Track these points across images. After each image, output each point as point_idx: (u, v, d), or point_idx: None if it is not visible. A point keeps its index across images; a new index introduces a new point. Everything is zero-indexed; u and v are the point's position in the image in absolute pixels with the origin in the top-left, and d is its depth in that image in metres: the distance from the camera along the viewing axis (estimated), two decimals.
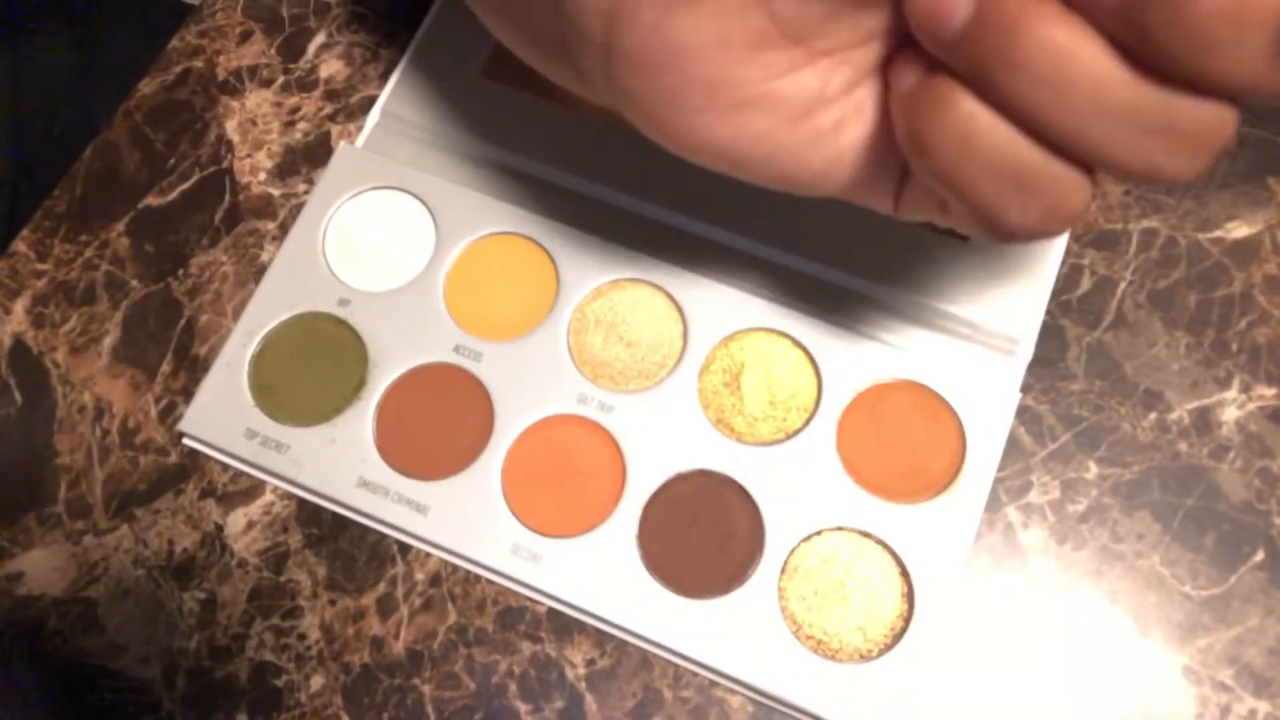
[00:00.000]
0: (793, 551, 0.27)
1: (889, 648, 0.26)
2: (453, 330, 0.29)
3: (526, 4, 0.22)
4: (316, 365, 0.29)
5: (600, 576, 0.27)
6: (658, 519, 0.27)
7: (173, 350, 0.30)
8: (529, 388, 0.28)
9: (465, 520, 0.27)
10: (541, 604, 0.27)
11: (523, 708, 0.27)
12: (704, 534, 0.27)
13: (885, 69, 0.20)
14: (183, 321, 0.31)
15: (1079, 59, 0.17)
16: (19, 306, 0.31)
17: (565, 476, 0.28)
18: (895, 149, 0.20)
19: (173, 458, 0.29)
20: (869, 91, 0.20)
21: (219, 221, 0.32)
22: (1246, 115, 0.30)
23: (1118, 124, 0.17)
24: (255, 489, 0.29)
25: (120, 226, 0.32)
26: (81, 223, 0.32)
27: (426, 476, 0.28)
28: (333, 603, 0.28)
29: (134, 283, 0.31)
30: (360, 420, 0.28)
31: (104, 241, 0.32)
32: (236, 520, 0.29)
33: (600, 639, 0.27)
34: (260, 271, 0.31)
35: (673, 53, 0.19)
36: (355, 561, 0.28)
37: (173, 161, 0.33)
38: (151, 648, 0.28)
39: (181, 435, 0.29)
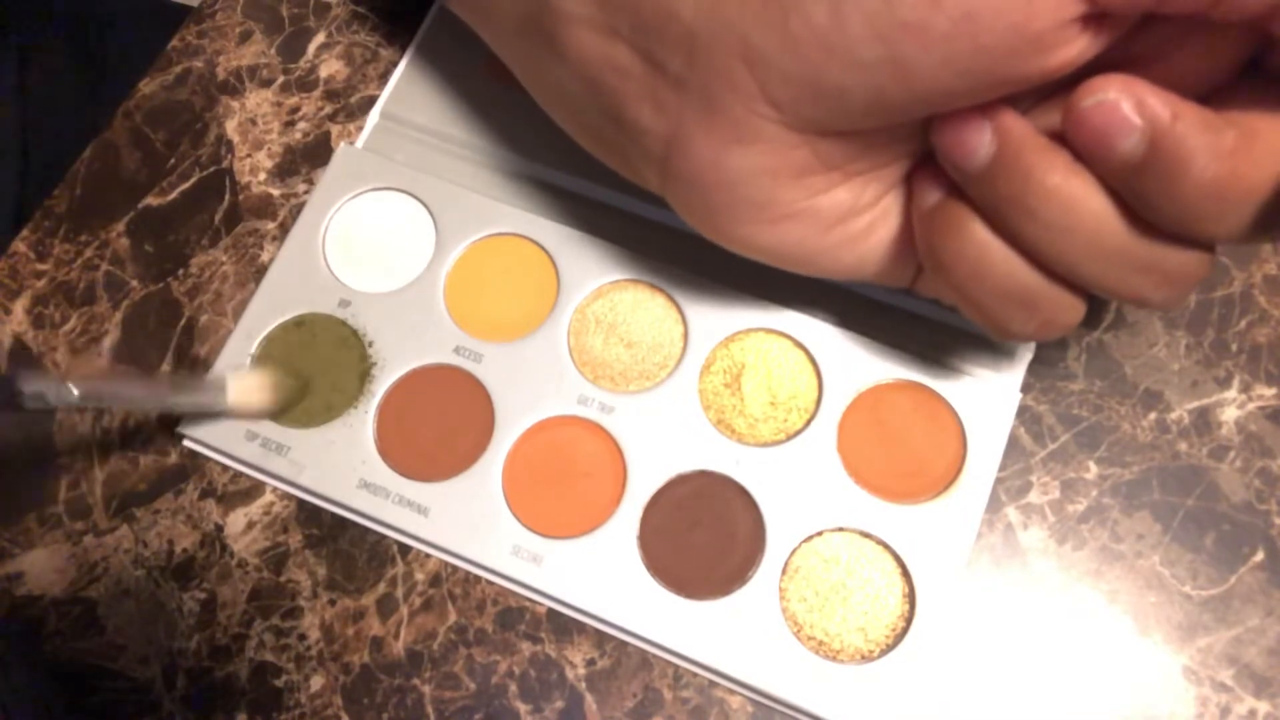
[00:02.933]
0: (793, 552, 0.27)
1: (890, 648, 0.26)
2: (453, 331, 0.29)
3: (583, 108, 0.24)
4: (317, 366, 0.29)
5: (601, 577, 0.27)
6: (658, 520, 0.27)
7: (173, 350, 0.30)
8: (529, 389, 0.28)
9: (466, 521, 0.27)
10: (541, 604, 0.27)
11: (523, 708, 0.27)
12: (705, 535, 0.27)
13: (910, 178, 0.23)
14: (183, 322, 0.31)
15: (1083, 207, 0.19)
16: (19, 306, 0.31)
17: (566, 478, 0.28)
18: (914, 246, 0.23)
19: (173, 458, 0.29)
20: (895, 198, 0.23)
21: (219, 221, 0.32)
22: None
23: (1112, 263, 0.19)
24: (255, 489, 0.29)
25: (120, 226, 0.32)
26: (81, 223, 0.32)
27: (427, 478, 0.28)
28: (333, 603, 0.28)
29: (134, 283, 0.31)
30: (361, 421, 0.28)
31: (104, 241, 0.32)
32: (236, 520, 0.29)
33: (600, 639, 0.27)
34: (260, 272, 0.31)
35: (726, 179, 0.21)
36: (355, 562, 0.28)
37: (173, 161, 0.33)
38: (151, 648, 0.28)
39: (181, 437, 0.29)
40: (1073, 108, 0.19)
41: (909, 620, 0.26)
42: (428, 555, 0.28)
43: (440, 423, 0.28)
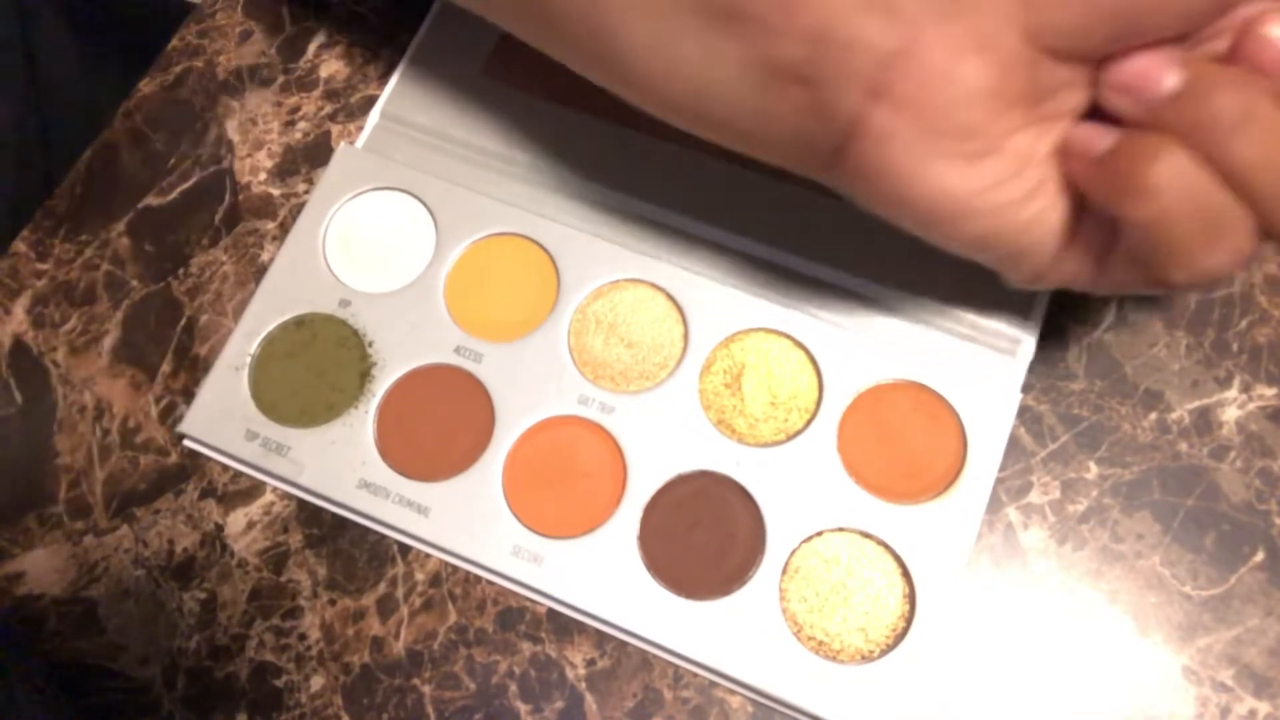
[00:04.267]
0: (794, 552, 0.27)
1: (890, 648, 0.26)
2: (453, 331, 0.29)
3: (736, 58, 0.22)
4: (317, 366, 0.29)
5: (601, 577, 0.27)
6: (659, 520, 0.27)
7: (173, 350, 0.30)
8: (530, 389, 0.28)
9: (466, 521, 0.27)
10: (541, 604, 0.27)
11: (523, 708, 0.27)
12: (705, 535, 0.27)
13: (1061, 145, 0.22)
14: (183, 321, 0.31)
15: (1260, 114, 0.20)
16: (19, 306, 0.31)
17: (566, 478, 0.28)
18: (1081, 218, 0.22)
19: (173, 458, 0.29)
20: (1054, 163, 0.22)
21: (219, 221, 0.32)
22: None
23: None
24: (255, 489, 0.29)
25: (120, 226, 0.32)
26: (81, 223, 0.32)
27: (427, 478, 0.28)
28: (333, 603, 0.28)
29: (134, 283, 0.31)
30: (361, 421, 0.28)
31: (104, 241, 0.32)
32: (236, 520, 0.29)
33: (600, 639, 0.27)
34: (260, 271, 0.31)
35: (949, 96, 0.20)
36: (355, 562, 0.28)
37: (173, 161, 0.33)
38: (151, 648, 0.28)
39: (182, 437, 0.29)
40: (1254, 35, 0.20)
41: (909, 620, 0.26)
42: (428, 555, 0.28)
43: (440, 423, 0.28)
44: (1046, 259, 0.23)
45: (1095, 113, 0.22)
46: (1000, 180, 0.22)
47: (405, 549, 0.28)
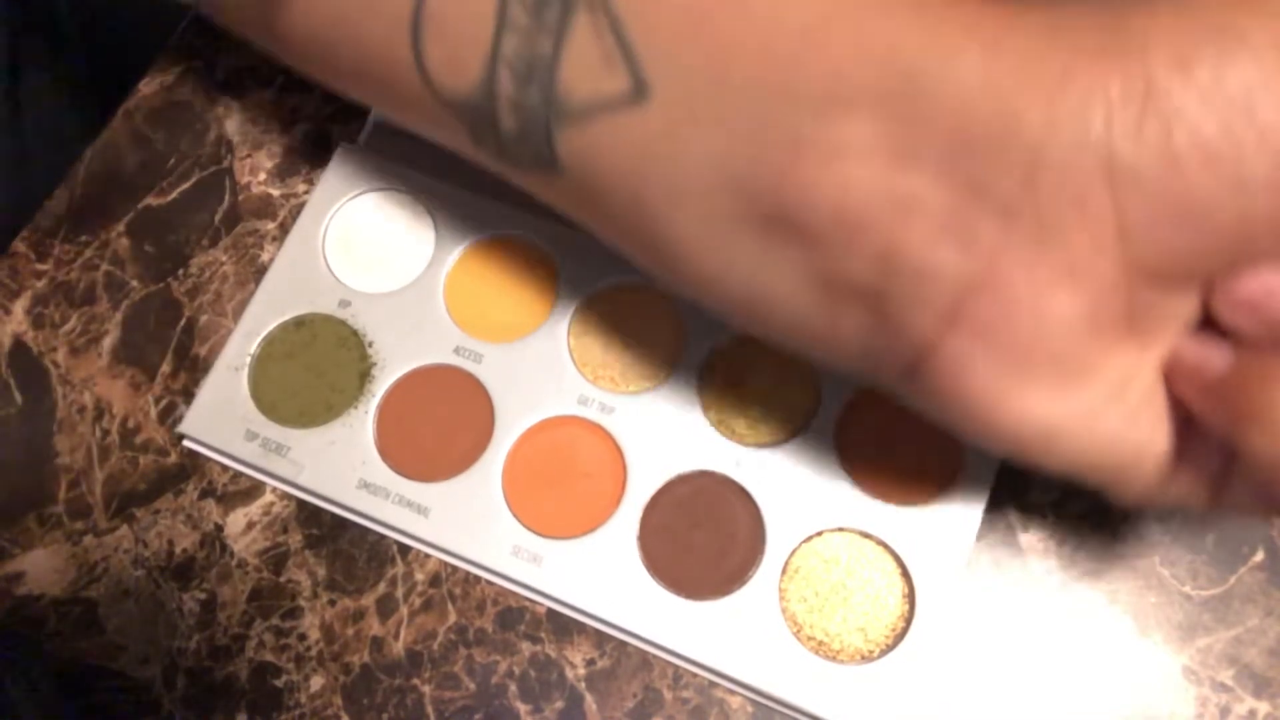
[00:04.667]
0: (793, 553, 0.27)
1: (890, 648, 0.26)
2: (453, 332, 0.29)
3: (801, 272, 0.20)
4: (317, 366, 0.29)
5: (601, 577, 0.27)
6: (658, 520, 0.27)
7: (173, 350, 0.30)
8: (530, 389, 0.28)
9: (466, 522, 0.27)
10: (541, 604, 0.27)
11: (523, 708, 0.27)
12: (705, 535, 0.27)
13: (1167, 363, 0.20)
14: (183, 322, 0.31)
15: None
16: (19, 307, 0.31)
17: (566, 478, 0.28)
18: (1193, 438, 0.20)
19: (173, 458, 0.29)
20: (1160, 382, 0.20)
21: (219, 221, 0.32)
22: None
23: None
24: (255, 489, 0.29)
25: (120, 226, 0.32)
26: (81, 223, 0.32)
27: (427, 478, 0.28)
28: (333, 603, 0.28)
29: (134, 283, 0.31)
30: (361, 422, 0.28)
31: (104, 241, 0.32)
32: (236, 520, 0.29)
33: (600, 639, 0.27)
34: (260, 272, 0.31)
35: (1038, 327, 0.18)
36: (355, 562, 0.28)
37: (173, 161, 0.33)
38: (151, 648, 0.28)
39: (181, 437, 0.29)
40: None
41: (909, 620, 0.26)
42: (427, 555, 0.28)
43: (440, 423, 0.28)
44: (1152, 484, 0.21)
45: (1210, 321, 0.20)
46: (1096, 406, 0.19)
47: (405, 549, 0.28)
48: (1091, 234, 0.18)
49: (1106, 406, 0.19)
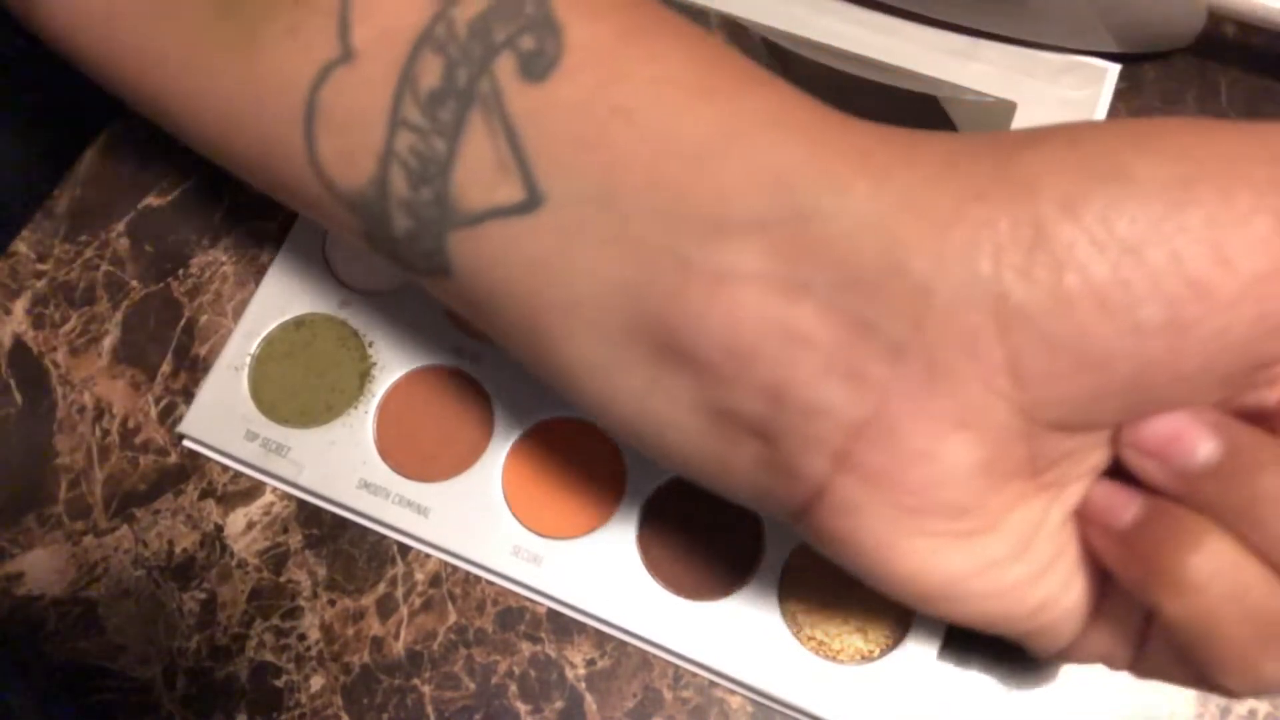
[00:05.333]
0: (794, 552, 0.27)
1: (890, 648, 0.26)
2: (452, 331, 0.29)
3: (691, 399, 0.19)
4: (317, 366, 0.29)
5: (601, 577, 0.27)
6: (658, 520, 0.27)
7: (173, 350, 0.30)
8: (529, 389, 0.28)
9: (466, 522, 0.27)
10: (541, 604, 0.27)
11: (523, 708, 0.27)
12: (705, 535, 0.27)
13: (1079, 513, 0.19)
14: (183, 322, 0.31)
15: None
16: (19, 306, 0.31)
17: (566, 478, 0.28)
18: (1114, 594, 0.19)
19: (173, 458, 0.29)
20: (1072, 532, 0.19)
21: (219, 221, 0.32)
22: (1245, 115, 0.30)
23: None
24: (255, 489, 0.29)
25: (120, 226, 0.32)
26: (81, 223, 0.32)
27: (427, 478, 0.28)
28: (333, 603, 0.28)
29: (134, 283, 0.31)
30: (361, 422, 0.28)
31: (104, 241, 0.32)
32: (236, 520, 0.29)
33: (600, 639, 0.27)
34: (260, 272, 0.31)
35: (929, 475, 0.17)
36: (355, 562, 0.28)
37: (173, 161, 0.33)
38: (151, 648, 0.28)
39: (182, 437, 0.29)
40: None
41: (909, 620, 0.26)
42: (428, 555, 0.28)
43: (440, 423, 0.28)
44: (1065, 640, 0.20)
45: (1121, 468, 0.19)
46: (1000, 559, 0.18)
47: (405, 549, 0.28)
48: (983, 378, 0.17)
49: (1012, 559, 0.18)
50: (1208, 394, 0.18)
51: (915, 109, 0.30)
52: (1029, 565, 0.19)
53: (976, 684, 0.26)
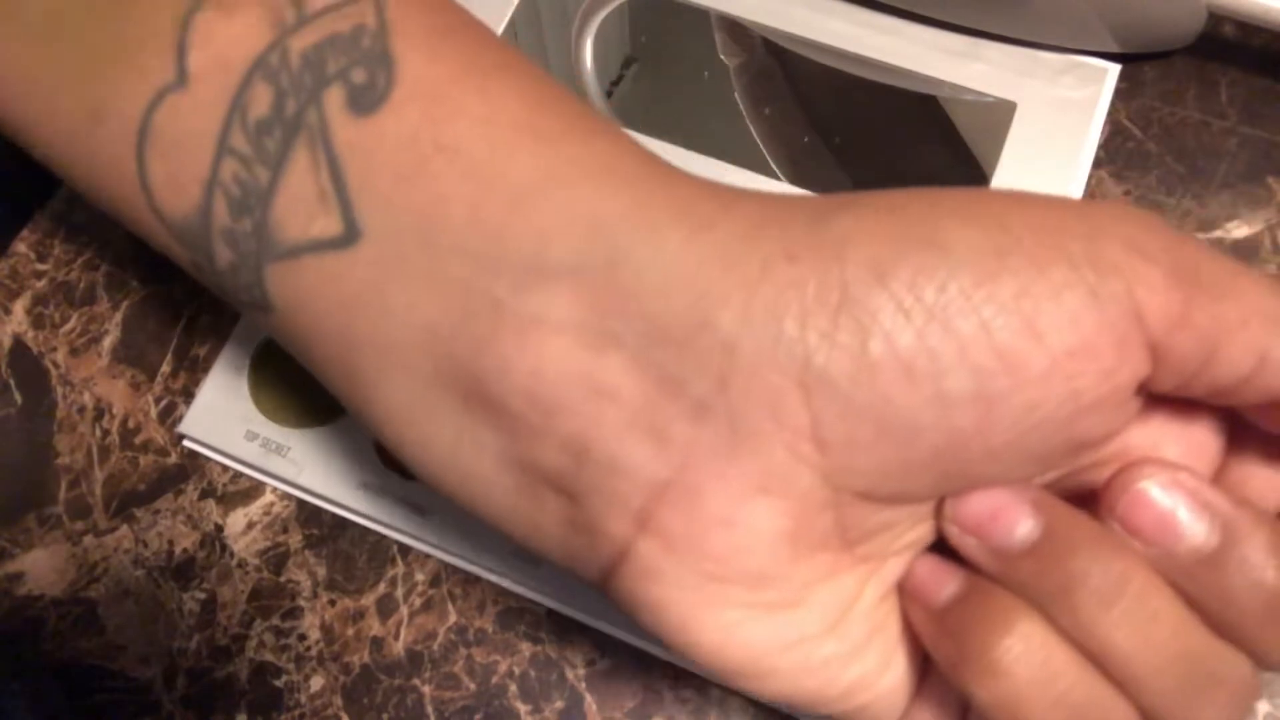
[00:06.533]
0: None
1: None
2: None
3: (494, 447, 0.18)
4: None
5: None
6: None
7: (173, 351, 0.30)
8: None
9: (466, 522, 0.27)
10: (541, 604, 0.27)
11: (523, 708, 0.27)
12: None
13: (900, 583, 0.19)
14: (183, 322, 0.31)
15: (1148, 589, 0.16)
16: (19, 307, 0.31)
17: None
18: (930, 676, 0.19)
19: (173, 458, 0.29)
20: (892, 608, 0.19)
21: None
22: (1245, 115, 0.30)
23: (1180, 665, 0.16)
24: (255, 489, 0.29)
25: (120, 227, 0.32)
26: (81, 223, 0.32)
27: None
28: (333, 603, 0.28)
29: (134, 283, 0.31)
30: None
31: (104, 241, 0.32)
32: (236, 520, 0.29)
33: (600, 639, 0.27)
34: None
35: (730, 542, 0.17)
36: (355, 562, 0.28)
37: None
38: (151, 648, 0.28)
39: (182, 437, 0.29)
40: (1130, 491, 0.16)
41: None
42: (428, 555, 0.28)
43: None
44: None
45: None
46: (810, 635, 0.18)
47: (405, 549, 0.28)
48: (786, 443, 0.16)
49: (823, 634, 0.18)
50: (1024, 471, 0.17)
51: (915, 109, 0.30)
52: (842, 642, 0.18)
53: None
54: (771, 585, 0.17)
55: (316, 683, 0.27)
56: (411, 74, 0.18)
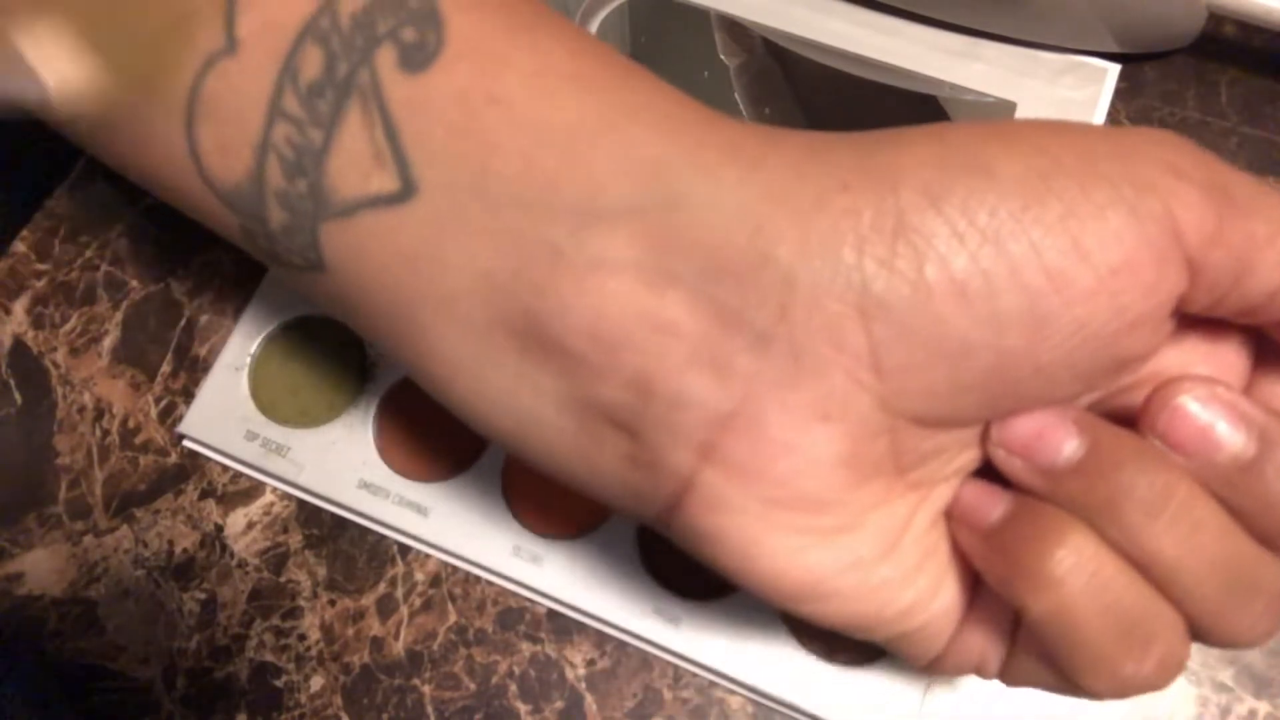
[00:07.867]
0: None
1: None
2: None
3: (558, 391, 0.19)
4: (317, 366, 0.29)
5: (601, 577, 0.27)
6: None
7: (173, 351, 0.30)
8: None
9: (466, 521, 0.27)
10: (541, 604, 0.27)
11: (523, 708, 0.27)
12: None
13: (947, 511, 0.19)
14: (183, 322, 0.31)
15: (1192, 498, 0.17)
16: (19, 307, 0.31)
17: None
18: (979, 598, 0.19)
19: (173, 458, 0.29)
20: (942, 534, 0.19)
21: None
22: (1245, 115, 0.30)
23: (1224, 572, 0.17)
24: (255, 489, 0.29)
25: (120, 226, 0.32)
26: (81, 223, 0.32)
27: (427, 478, 0.28)
28: (333, 603, 0.28)
29: (134, 283, 0.31)
30: (361, 422, 0.28)
31: (104, 241, 0.32)
32: (236, 520, 0.29)
33: (600, 639, 0.27)
34: (261, 271, 0.31)
35: (792, 467, 0.17)
36: (355, 562, 0.28)
37: None
38: (151, 648, 0.28)
39: (182, 437, 0.29)
40: (1169, 406, 0.17)
41: None
42: (428, 555, 0.28)
43: (440, 423, 0.28)
44: (938, 647, 0.19)
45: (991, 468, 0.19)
46: (866, 559, 0.18)
47: (405, 549, 0.28)
48: (846, 369, 0.17)
49: (878, 558, 0.18)
50: (1070, 390, 0.18)
51: (915, 109, 0.30)
52: (897, 566, 0.18)
53: (976, 684, 0.26)
54: (830, 510, 0.18)
55: (316, 683, 0.27)
56: (460, 31, 0.19)
